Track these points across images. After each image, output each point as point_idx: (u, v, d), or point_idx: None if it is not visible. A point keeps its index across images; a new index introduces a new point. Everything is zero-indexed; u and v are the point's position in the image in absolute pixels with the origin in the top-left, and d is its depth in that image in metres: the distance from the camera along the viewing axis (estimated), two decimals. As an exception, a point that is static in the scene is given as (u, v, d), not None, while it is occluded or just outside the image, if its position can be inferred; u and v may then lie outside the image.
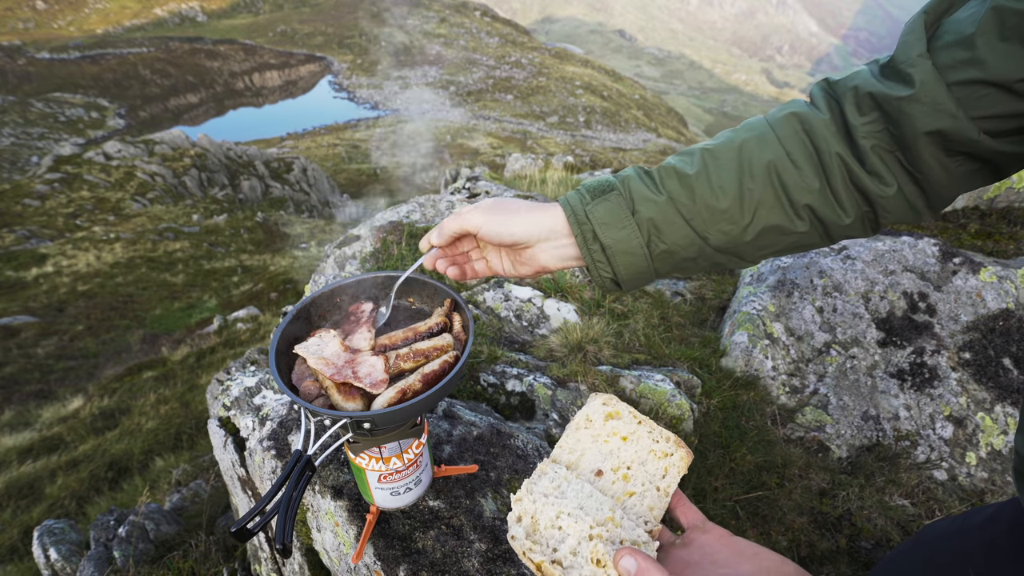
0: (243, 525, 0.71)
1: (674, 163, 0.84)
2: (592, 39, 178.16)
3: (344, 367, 0.90)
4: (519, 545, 0.65)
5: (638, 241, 0.83)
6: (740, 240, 0.82)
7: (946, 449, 1.89)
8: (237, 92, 76.70)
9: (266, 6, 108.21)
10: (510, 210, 0.89)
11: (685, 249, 0.84)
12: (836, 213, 0.79)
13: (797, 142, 0.78)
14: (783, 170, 0.78)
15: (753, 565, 0.65)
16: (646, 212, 0.82)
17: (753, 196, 0.79)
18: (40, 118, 52.34)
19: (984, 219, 2.60)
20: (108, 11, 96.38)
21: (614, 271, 0.86)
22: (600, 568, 0.63)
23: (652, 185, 0.83)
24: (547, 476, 0.72)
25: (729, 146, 0.81)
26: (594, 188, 0.86)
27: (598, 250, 0.85)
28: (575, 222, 0.85)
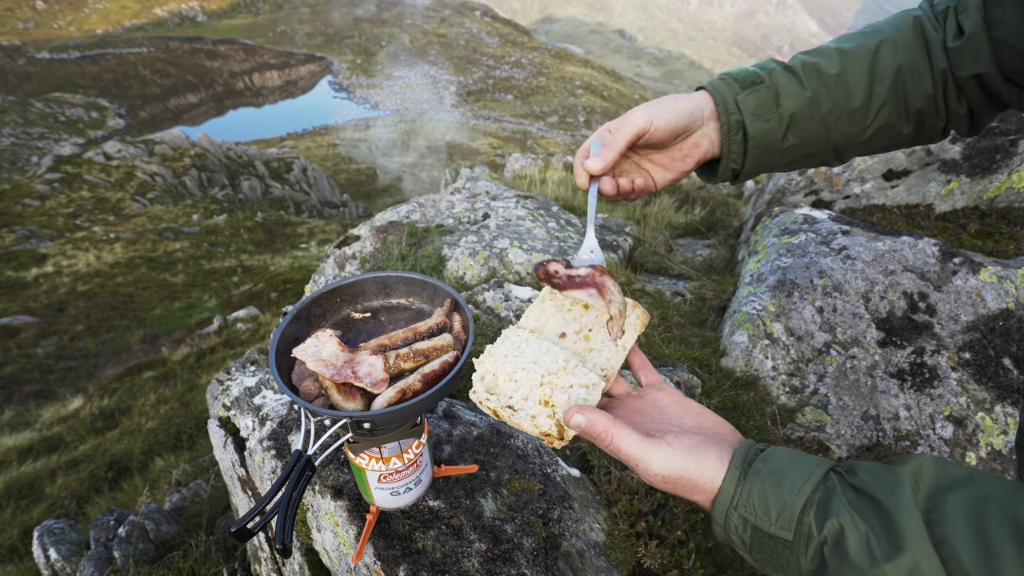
0: (243, 525, 0.71)
1: (815, 61, 0.86)
2: (592, 39, 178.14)
3: (344, 367, 0.90)
4: (477, 397, 0.72)
5: (778, 134, 0.86)
6: (856, 140, 0.88)
7: (946, 449, 1.89)
8: (237, 92, 76.69)
9: (266, 6, 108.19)
10: (662, 101, 0.86)
11: (810, 145, 0.88)
12: (937, 118, 0.87)
13: (920, 51, 0.84)
14: (909, 75, 0.84)
15: (696, 420, 0.72)
16: (789, 106, 0.85)
17: (879, 98, 0.84)
18: (40, 118, 52.33)
19: (984, 219, 2.60)
20: (108, 11, 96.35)
21: (744, 162, 0.88)
22: (547, 407, 0.70)
23: (796, 80, 0.85)
24: (509, 340, 0.78)
25: (865, 49, 0.85)
26: (741, 78, 0.86)
27: (739, 140, 0.86)
28: (724, 111, 0.85)
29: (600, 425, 0.63)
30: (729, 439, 0.67)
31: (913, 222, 2.73)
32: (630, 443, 0.62)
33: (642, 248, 3.17)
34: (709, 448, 0.62)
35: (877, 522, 0.52)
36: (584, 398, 0.71)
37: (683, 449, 0.62)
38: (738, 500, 0.59)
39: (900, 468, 0.55)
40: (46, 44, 79.84)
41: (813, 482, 0.56)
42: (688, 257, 3.16)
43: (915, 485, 0.53)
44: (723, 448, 0.63)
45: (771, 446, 0.63)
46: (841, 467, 0.59)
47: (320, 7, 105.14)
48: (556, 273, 0.81)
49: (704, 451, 0.62)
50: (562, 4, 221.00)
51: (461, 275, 2.66)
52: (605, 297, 0.78)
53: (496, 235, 2.85)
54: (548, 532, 1.25)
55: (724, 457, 0.62)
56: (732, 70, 0.88)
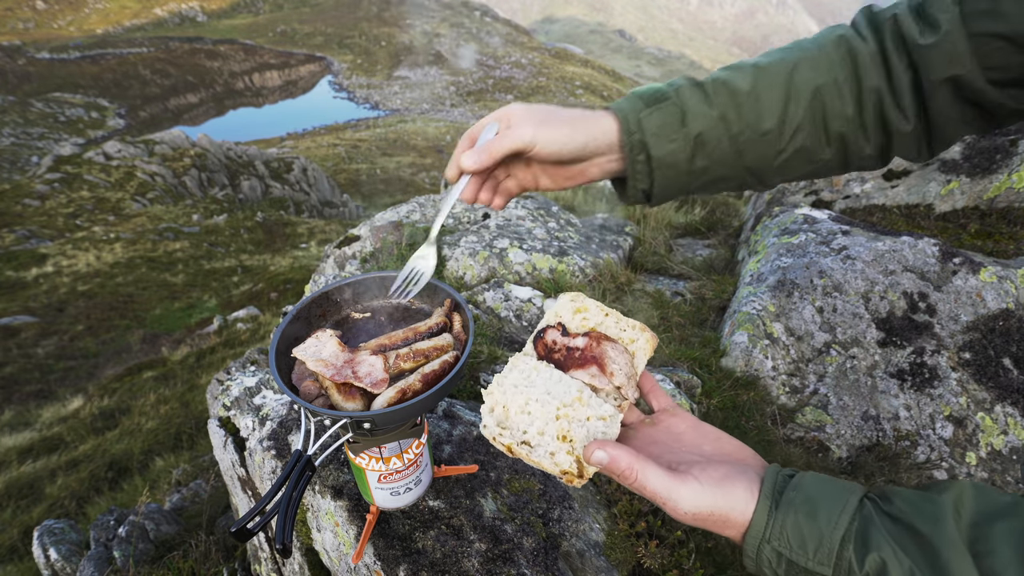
0: (243, 525, 0.71)
1: (725, 78, 0.82)
2: (592, 39, 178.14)
3: (343, 367, 0.89)
4: (489, 432, 0.68)
5: (685, 155, 0.82)
6: (771, 163, 0.83)
7: (946, 449, 1.89)
8: (237, 92, 76.69)
9: (266, 6, 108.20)
10: (561, 119, 0.82)
11: (721, 167, 0.84)
12: (862, 142, 0.81)
13: (844, 68, 0.79)
14: (828, 96, 0.79)
15: (715, 447, 0.69)
16: (696, 126, 0.80)
17: (794, 120, 0.80)
18: (40, 118, 52.33)
19: (984, 219, 2.60)
20: (108, 11, 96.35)
21: (651, 183, 0.85)
22: (566, 443, 0.67)
23: (704, 98, 0.81)
24: (517, 368, 0.74)
25: (781, 66, 0.80)
26: (647, 95, 0.83)
27: (643, 161, 0.83)
28: (626, 131, 0.81)
29: (623, 462, 0.60)
30: (753, 465, 0.64)
31: (913, 222, 2.73)
32: (656, 480, 0.59)
33: (642, 248, 3.17)
34: (737, 480, 0.60)
35: (921, 556, 0.50)
36: (603, 431, 0.68)
37: (711, 483, 0.59)
38: (771, 533, 0.56)
39: (940, 497, 0.53)
40: (46, 44, 79.83)
41: (849, 512, 0.54)
42: (688, 257, 3.16)
43: (957, 515, 0.51)
44: (751, 478, 0.60)
45: (799, 471, 0.60)
46: (875, 493, 0.57)
47: (320, 7, 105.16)
48: (555, 345, 0.78)
49: (732, 483, 0.59)
50: (562, 4, 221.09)
51: (461, 275, 2.66)
52: (607, 370, 0.75)
53: (496, 235, 2.85)
54: (548, 532, 1.25)
55: (753, 487, 0.59)
56: (642, 87, 0.85)
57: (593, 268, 2.68)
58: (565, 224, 3.13)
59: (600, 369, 0.75)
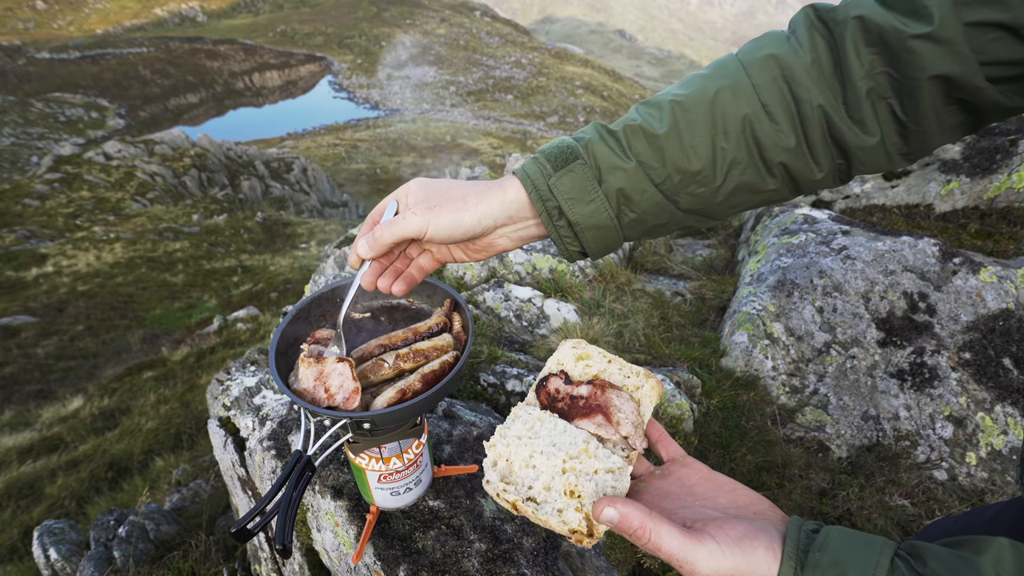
0: (243, 525, 0.71)
1: (640, 121, 0.75)
2: (592, 39, 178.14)
3: (316, 387, 0.87)
4: (493, 488, 0.65)
5: (607, 214, 0.77)
6: (711, 201, 0.78)
7: (946, 449, 1.89)
8: (237, 92, 76.70)
9: (266, 6, 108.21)
10: (454, 198, 0.78)
11: (655, 216, 0.79)
12: (809, 168, 0.74)
13: (775, 91, 0.71)
14: (759, 126, 0.72)
15: (729, 499, 0.66)
16: (615, 182, 0.75)
17: (726, 156, 0.73)
18: (40, 118, 52.34)
19: (984, 219, 2.60)
20: (108, 11, 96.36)
21: (582, 245, 0.81)
22: (574, 499, 0.63)
23: (619, 149, 0.75)
24: (520, 419, 0.72)
25: (701, 98, 0.73)
26: (555, 156, 0.76)
27: (565, 226, 0.78)
28: (538, 199, 0.76)
29: (635, 520, 0.57)
30: (772, 518, 0.61)
31: (913, 222, 2.73)
32: (671, 541, 0.56)
33: (642, 248, 3.17)
34: (758, 538, 0.56)
35: None
36: (612, 485, 0.65)
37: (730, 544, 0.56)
38: None
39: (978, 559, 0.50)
40: (46, 44, 79.85)
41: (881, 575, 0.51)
42: (688, 257, 3.16)
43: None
44: (772, 536, 0.57)
45: (822, 526, 0.56)
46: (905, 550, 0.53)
47: (320, 7, 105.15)
48: (558, 393, 0.75)
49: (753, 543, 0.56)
50: (562, 4, 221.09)
51: (461, 275, 2.66)
52: (613, 419, 0.73)
53: (496, 235, 2.85)
54: (548, 532, 1.25)
55: (775, 547, 0.56)
56: (548, 146, 0.78)
57: (593, 268, 2.68)
58: (565, 224, 3.13)
59: (606, 418, 0.73)
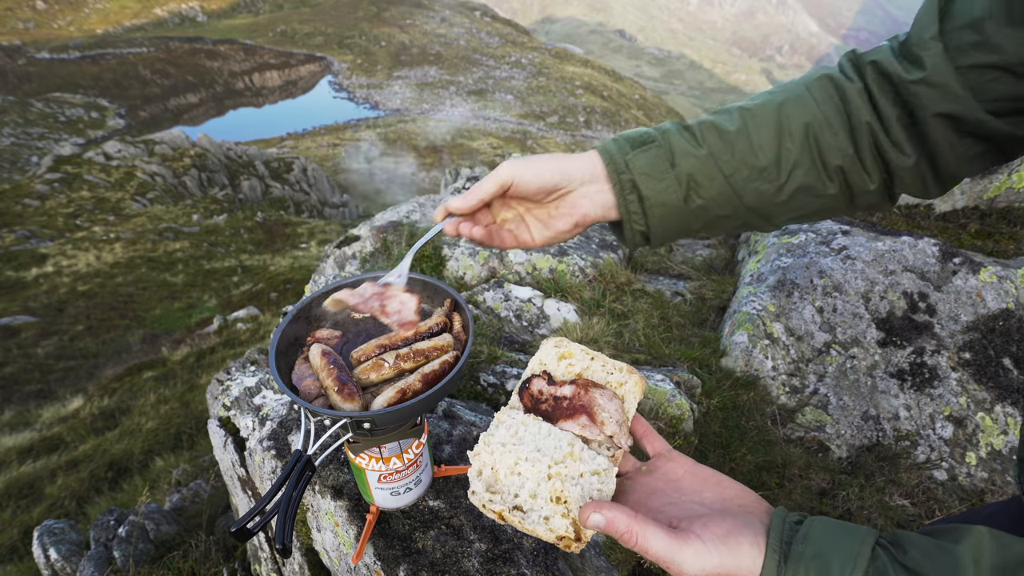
0: (243, 525, 0.71)
1: (712, 119, 0.83)
2: (592, 39, 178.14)
3: (371, 299, 0.82)
4: (478, 499, 0.65)
5: (677, 195, 0.82)
6: (774, 200, 0.83)
7: (946, 449, 1.89)
8: (237, 92, 76.69)
9: (266, 6, 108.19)
10: (541, 158, 0.84)
11: (721, 206, 0.84)
12: (863, 178, 0.80)
13: (832, 106, 0.79)
14: (820, 132, 0.79)
15: (716, 492, 0.67)
16: (686, 166, 0.81)
17: (790, 156, 0.80)
18: (40, 118, 52.33)
19: (984, 219, 2.60)
20: (108, 11, 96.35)
21: (647, 224, 0.85)
22: (560, 505, 0.63)
23: (692, 139, 0.82)
24: (504, 425, 0.71)
25: (768, 106, 0.81)
26: (633, 139, 0.84)
27: (635, 201, 0.83)
28: (613, 170, 0.82)
29: (622, 525, 0.58)
30: (757, 511, 0.63)
31: (913, 222, 2.73)
32: (657, 543, 0.57)
33: (642, 248, 3.17)
34: (742, 534, 0.58)
35: None
36: (598, 488, 0.66)
37: (715, 541, 0.57)
38: None
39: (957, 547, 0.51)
40: (46, 44, 79.83)
41: (863, 566, 0.52)
42: (688, 257, 3.16)
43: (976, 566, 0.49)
44: (756, 531, 0.58)
45: (806, 517, 0.58)
46: (886, 539, 0.55)
47: (320, 7, 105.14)
48: (541, 395, 0.75)
49: (737, 539, 0.57)
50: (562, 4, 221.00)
51: (461, 275, 2.66)
52: (597, 419, 0.73)
53: (496, 235, 2.85)
54: (548, 532, 1.25)
55: (759, 540, 0.57)
56: (626, 132, 0.85)
57: (593, 268, 2.68)
58: (565, 224, 3.13)
59: (590, 419, 0.72)
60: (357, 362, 0.96)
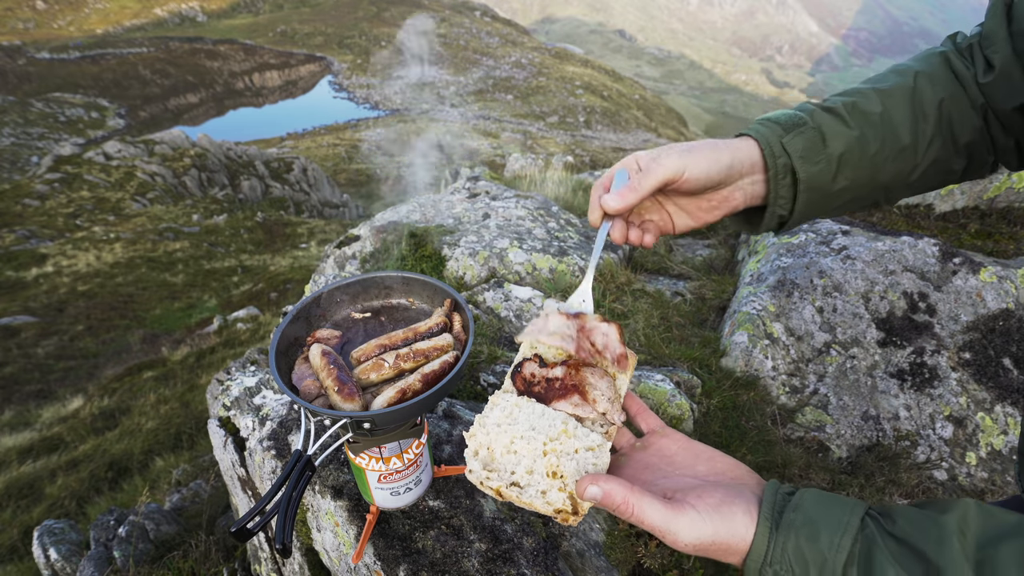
0: (243, 525, 0.71)
1: (853, 100, 0.84)
2: (592, 39, 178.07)
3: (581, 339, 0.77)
4: (475, 477, 0.66)
5: (828, 176, 0.82)
6: (906, 179, 0.85)
7: (946, 449, 1.89)
8: (237, 92, 76.65)
9: (266, 6, 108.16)
10: (703, 146, 0.80)
11: (860, 187, 0.85)
12: (984, 154, 0.85)
13: (956, 86, 0.82)
14: (953, 108, 0.82)
15: (708, 466, 0.68)
16: (837, 147, 0.81)
17: (926, 135, 0.82)
18: (40, 118, 52.31)
19: (984, 219, 2.60)
20: (108, 11, 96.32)
21: (793, 208, 0.84)
22: (556, 479, 0.65)
23: (840, 120, 0.82)
24: (498, 407, 0.72)
25: (902, 86, 0.83)
26: (783, 121, 0.82)
27: (788, 185, 0.82)
28: (770, 154, 0.81)
29: (618, 496, 0.59)
30: (750, 483, 0.63)
31: (913, 222, 2.73)
32: (653, 513, 0.58)
33: (642, 248, 3.17)
34: (736, 503, 0.59)
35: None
36: (593, 463, 0.67)
37: (709, 511, 0.58)
38: (772, 557, 0.55)
39: (944, 517, 0.52)
40: (46, 44, 79.80)
41: (852, 533, 0.53)
42: (688, 257, 3.16)
43: (962, 535, 0.50)
44: (749, 500, 0.59)
45: (798, 488, 0.59)
46: (875, 511, 0.56)
47: (320, 7, 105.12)
48: (534, 378, 0.76)
49: (731, 508, 0.58)
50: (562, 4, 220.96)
51: (461, 275, 2.66)
52: (589, 397, 0.74)
53: (496, 235, 2.85)
54: (548, 532, 1.25)
55: (752, 509, 0.58)
56: (771, 114, 0.85)
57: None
58: (565, 224, 3.13)
59: (582, 397, 0.73)
60: (357, 362, 0.96)
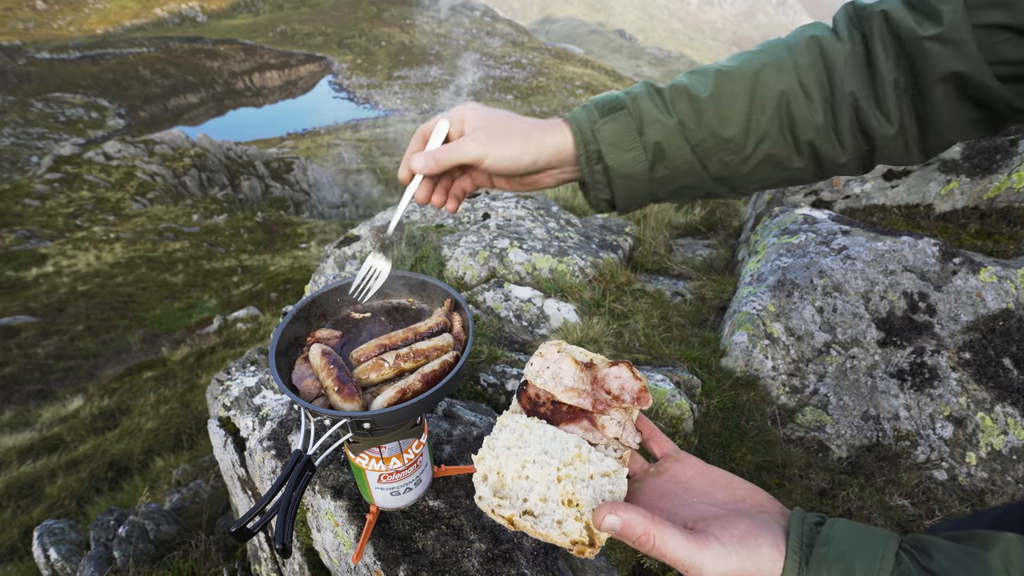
0: (243, 525, 0.71)
1: (687, 82, 0.80)
2: (592, 39, 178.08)
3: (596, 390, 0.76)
4: (486, 504, 0.62)
5: (642, 166, 0.80)
6: (738, 171, 0.81)
7: (946, 449, 1.89)
8: (237, 92, 76.68)
9: (266, 6, 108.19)
10: (512, 133, 0.81)
11: (685, 175, 0.82)
12: (835, 150, 0.78)
13: (814, 73, 0.76)
14: (794, 103, 0.76)
15: (727, 494, 0.65)
16: (653, 135, 0.79)
17: (760, 127, 0.77)
18: (40, 118, 52.32)
19: (984, 219, 2.60)
20: (108, 11, 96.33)
21: (612, 193, 0.84)
22: (572, 508, 0.61)
23: (663, 106, 0.79)
24: (507, 428, 0.69)
25: (745, 70, 0.78)
26: (603, 104, 0.81)
27: (600, 171, 0.82)
28: (581, 141, 0.80)
29: (639, 527, 0.55)
30: (772, 511, 0.61)
31: (913, 222, 2.73)
32: (675, 546, 0.55)
33: (642, 248, 3.17)
34: (762, 535, 0.56)
35: None
36: (609, 490, 0.63)
37: (735, 543, 0.55)
38: None
39: (986, 554, 0.49)
40: (46, 44, 79.82)
41: (888, 570, 0.50)
42: (688, 257, 3.16)
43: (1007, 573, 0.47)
44: (776, 532, 0.56)
45: (825, 518, 0.56)
46: (909, 543, 0.53)
47: (320, 7, 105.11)
48: (539, 398, 0.73)
49: (757, 540, 0.55)
50: (562, 4, 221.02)
51: (461, 275, 2.66)
52: (598, 423, 0.70)
53: (496, 235, 2.85)
54: (548, 532, 1.24)
55: (779, 542, 0.55)
56: (600, 96, 0.82)
57: (593, 268, 2.68)
58: (565, 224, 3.13)
59: (591, 423, 0.71)
60: (357, 362, 0.96)
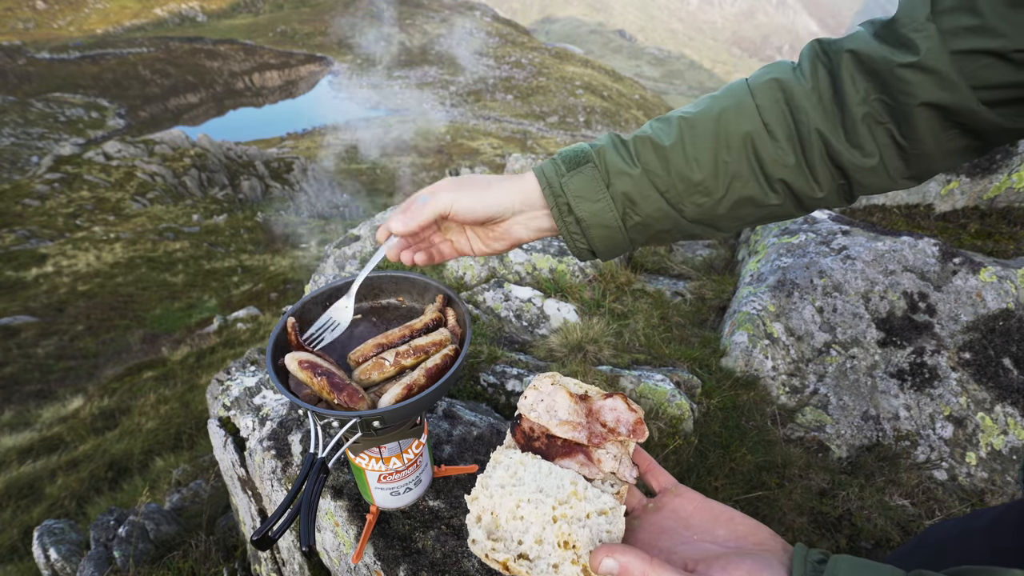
0: (265, 532, 0.70)
1: (650, 132, 0.81)
2: (592, 39, 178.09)
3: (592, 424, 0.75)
4: (480, 548, 0.60)
5: (612, 215, 0.81)
6: (714, 212, 0.81)
7: (946, 449, 1.89)
8: (237, 92, 76.70)
9: (266, 6, 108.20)
10: (480, 184, 0.85)
11: (659, 221, 0.82)
12: (810, 186, 0.77)
13: (777, 113, 0.75)
14: (760, 143, 0.76)
15: (728, 530, 0.63)
16: (621, 186, 0.80)
17: (728, 169, 0.77)
18: (40, 118, 52.32)
19: (984, 219, 2.60)
20: (108, 11, 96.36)
21: (590, 243, 0.85)
22: (568, 550, 0.59)
23: (627, 156, 0.80)
24: (501, 465, 0.68)
25: (707, 115, 0.78)
26: (569, 158, 0.83)
27: (573, 222, 0.83)
28: (550, 194, 0.82)
29: (636, 570, 0.54)
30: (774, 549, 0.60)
31: (913, 222, 2.73)
32: None
33: (642, 248, 3.17)
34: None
35: None
36: (607, 530, 0.61)
37: None
38: None
39: None
40: (46, 44, 79.82)
41: None
42: (688, 257, 3.16)
43: None
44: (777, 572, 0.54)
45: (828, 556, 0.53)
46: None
47: (320, 7, 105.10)
48: (533, 432, 0.71)
49: None
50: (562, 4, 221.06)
51: (461, 275, 2.66)
52: (594, 457, 0.69)
53: (496, 235, 2.85)
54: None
55: None
56: (566, 149, 0.84)
57: (593, 268, 2.68)
58: (565, 224, 3.13)
59: (587, 456, 0.69)
60: (356, 363, 0.96)
